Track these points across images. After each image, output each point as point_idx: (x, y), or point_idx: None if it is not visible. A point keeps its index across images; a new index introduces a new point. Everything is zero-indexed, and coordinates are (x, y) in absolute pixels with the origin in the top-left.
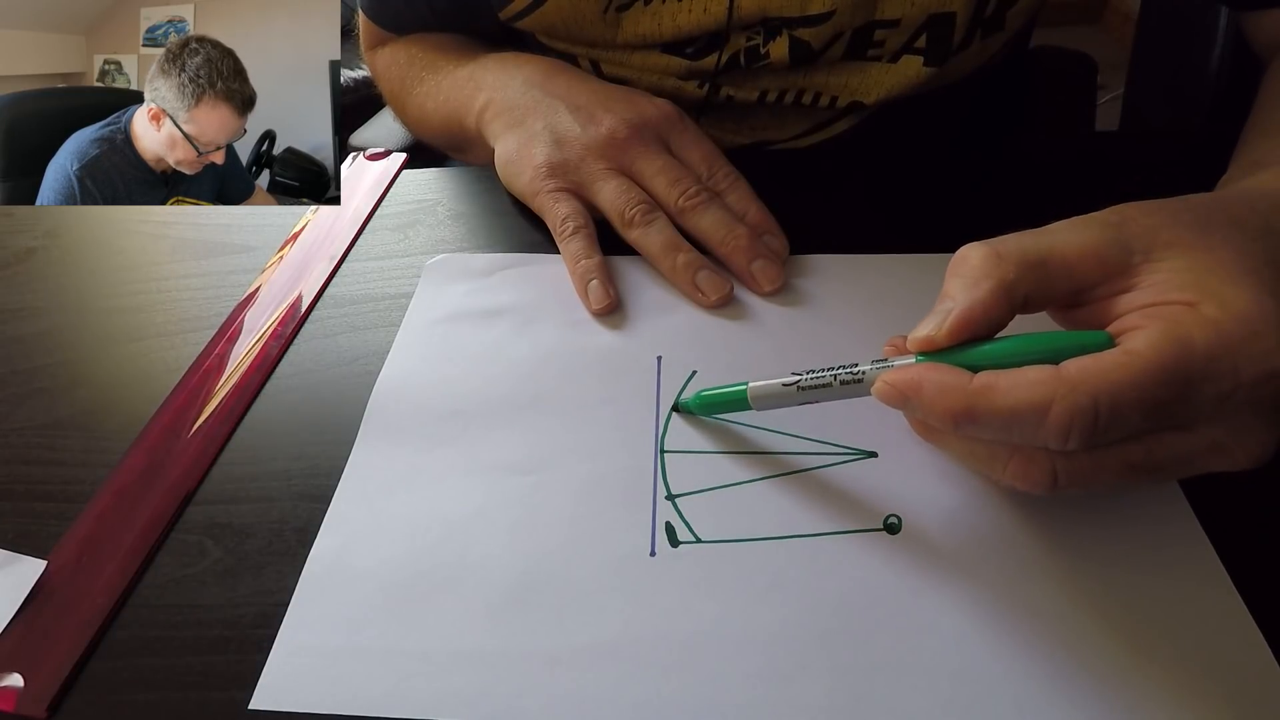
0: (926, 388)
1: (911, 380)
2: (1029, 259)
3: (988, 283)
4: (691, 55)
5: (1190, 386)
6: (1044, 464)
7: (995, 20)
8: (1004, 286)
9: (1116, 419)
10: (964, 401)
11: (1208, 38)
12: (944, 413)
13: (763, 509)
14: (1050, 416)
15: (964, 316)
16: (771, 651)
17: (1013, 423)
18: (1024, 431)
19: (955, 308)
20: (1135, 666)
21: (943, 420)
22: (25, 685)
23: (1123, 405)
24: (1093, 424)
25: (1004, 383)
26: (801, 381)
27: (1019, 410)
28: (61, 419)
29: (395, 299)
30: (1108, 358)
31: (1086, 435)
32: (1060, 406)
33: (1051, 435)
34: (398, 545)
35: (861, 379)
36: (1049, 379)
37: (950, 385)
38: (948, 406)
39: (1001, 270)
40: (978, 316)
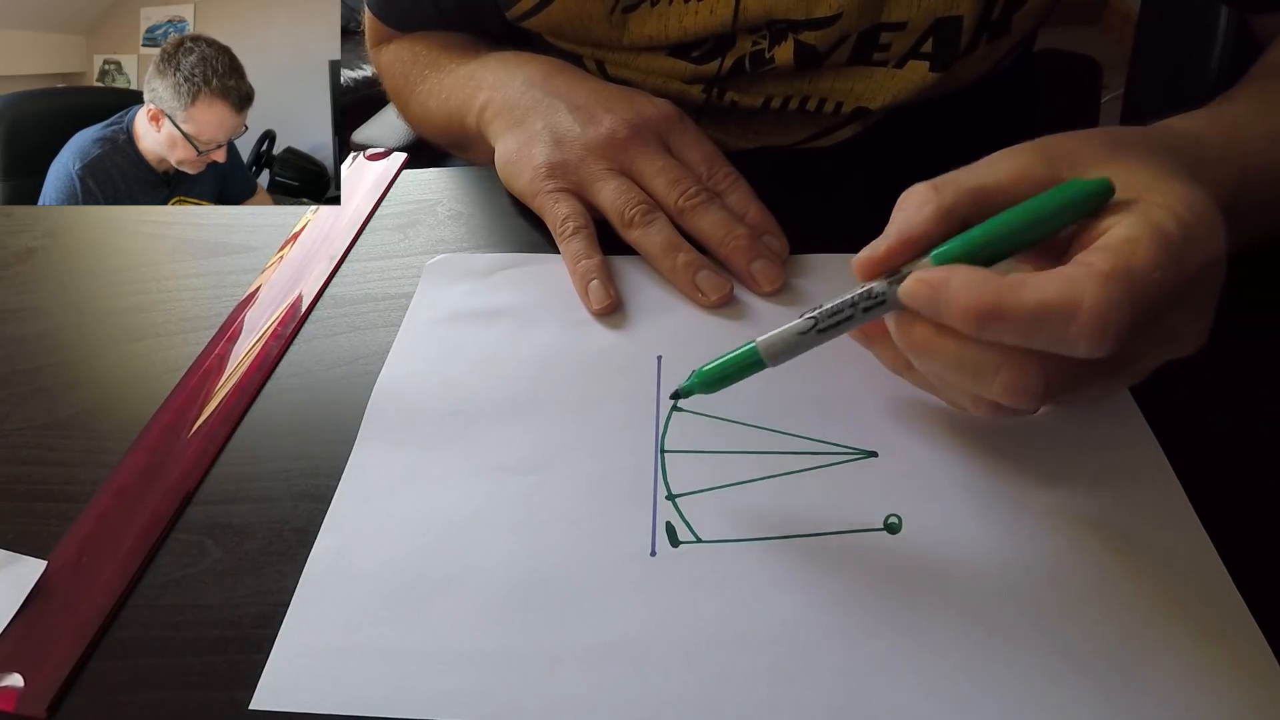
0: (954, 282)
1: (940, 277)
2: (963, 185)
3: (927, 208)
4: (697, 59)
5: (1181, 270)
6: (1037, 372)
7: (1002, 24)
8: (942, 210)
9: (1145, 313)
10: (993, 295)
11: (1208, 38)
12: (969, 308)
13: (763, 509)
14: (1084, 314)
15: (902, 235)
16: (772, 651)
17: (1040, 320)
18: (1053, 333)
19: (894, 229)
20: (1135, 667)
21: (967, 319)
22: (25, 685)
23: (1150, 296)
24: (1130, 320)
25: (1034, 279)
26: (819, 322)
27: (1050, 305)
28: (61, 419)
29: (395, 299)
30: (1122, 249)
31: (1124, 334)
32: (1094, 299)
33: (1086, 334)
34: (398, 545)
35: (884, 299)
36: (1076, 274)
37: (979, 280)
38: (976, 301)
39: (939, 197)
40: (918, 235)
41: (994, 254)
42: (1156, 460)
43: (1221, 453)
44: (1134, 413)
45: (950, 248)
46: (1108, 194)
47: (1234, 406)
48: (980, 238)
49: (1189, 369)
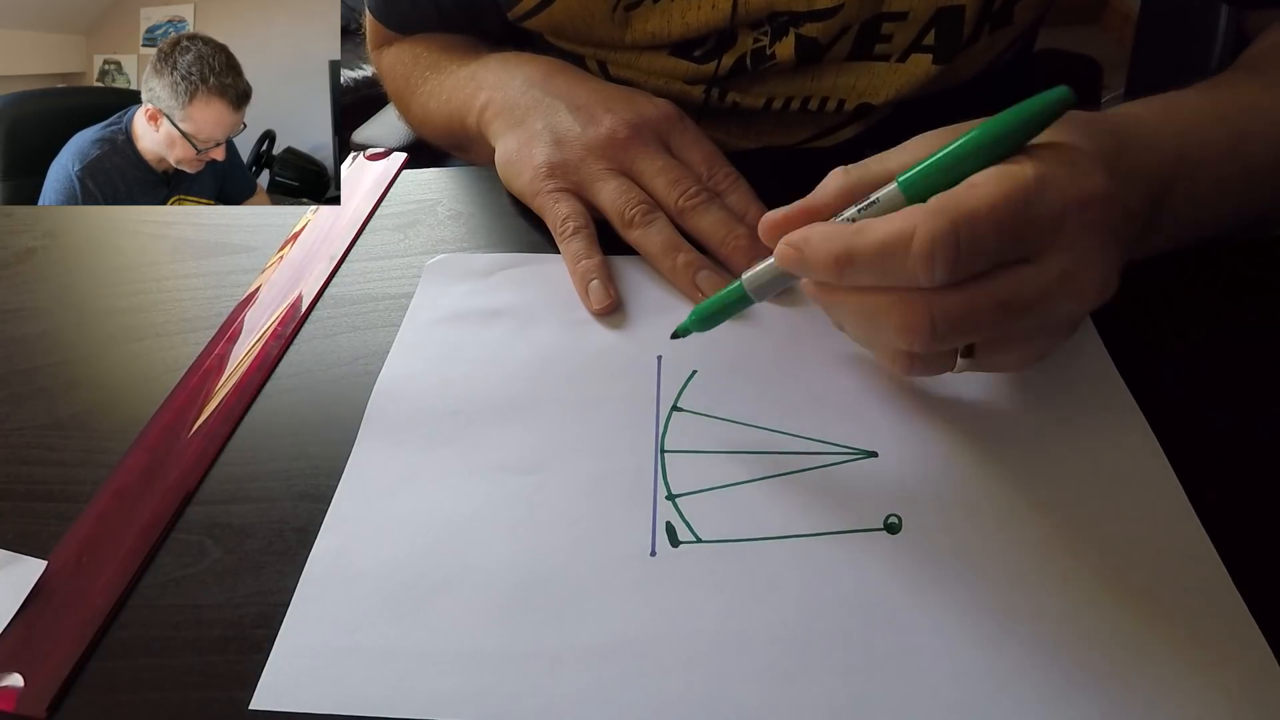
0: (813, 238)
1: (801, 236)
2: (870, 169)
3: (832, 183)
4: (699, 59)
5: (1029, 204)
6: (920, 309)
7: (1004, 14)
8: (846, 188)
9: (974, 242)
10: (842, 243)
11: (1208, 38)
12: (828, 258)
13: (763, 509)
14: (915, 243)
15: (805, 205)
16: (772, 651)
17: (884, 256)
18: (896, 266)
19: (802, 200)
20: (1135, 667)
21: (829, 269)
22: (25, 685)
23: (977, 226)
24: (955, 247)
25: (876, 222)
26: None
27: (888, 241)
28: (61, 419)
29: (395, 299)
30: (959, 190)
31: (950, 259)
32: (922, 230)
33: (919, 263)
34: (398, 545)
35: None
36: (912, 210)
37: (831, 232)
38: (830, 252)
39: (847, 178)
40: (818, 207)
41: (960, 173)
42: (1156, 460)
43: (1221, 453)
44: (1134, 412)
45: (914, 175)
46: (1067, 101)
47: (1234, 406)
48: (942, 160)
49: (1189, 369)
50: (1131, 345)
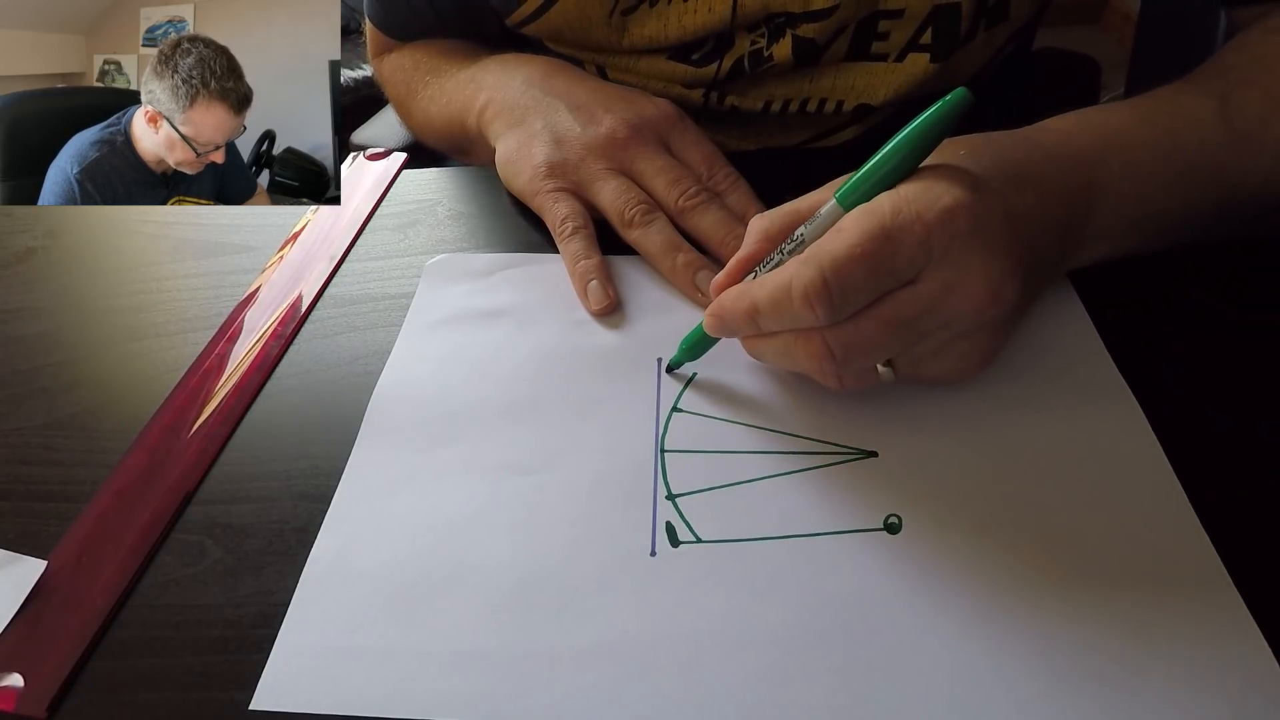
0: (725, 301)
1: (719, 304)
2: (783, 211)
3: (754, 234)
4: (697, 62)
5: (889, 238)
6: (817, 341)
7: (1000, 9)
8: (769, 234)
9: (843, 281)
10: (747, 300)
11: (1208, 38)
12: (740, 316)
13: (763, 509)
14: (793, 294)
15: (738, 259)
16: (772, 651)
17: (777, 306)
18: (789, 312)
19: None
20: (1136, 667)
21: (745, 323)
22: (25, 685)
23: (840, 268)
24: (824, 290)
25: (766, 279)
26: None
27: (775, 294)
28: (61, 419)
29: (395, 299)
30: (827, 237)
31: (825, 302)
32: (796, 282)
33: (800, 309)
34: (398, 545)
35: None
36: (791, 263)
37: (738, 293)
38: (739, 310)
39: (766, 224)
40: (749, 256)
41: (886, 179)
42: (1156, 460)
43: (1221, 453)
44: (1134, 412)
45: (847, 186)
46: (966, 100)
47: (1234, 406)
48: (867, 172)
49: (1189, 369)
50: (1131, 345)
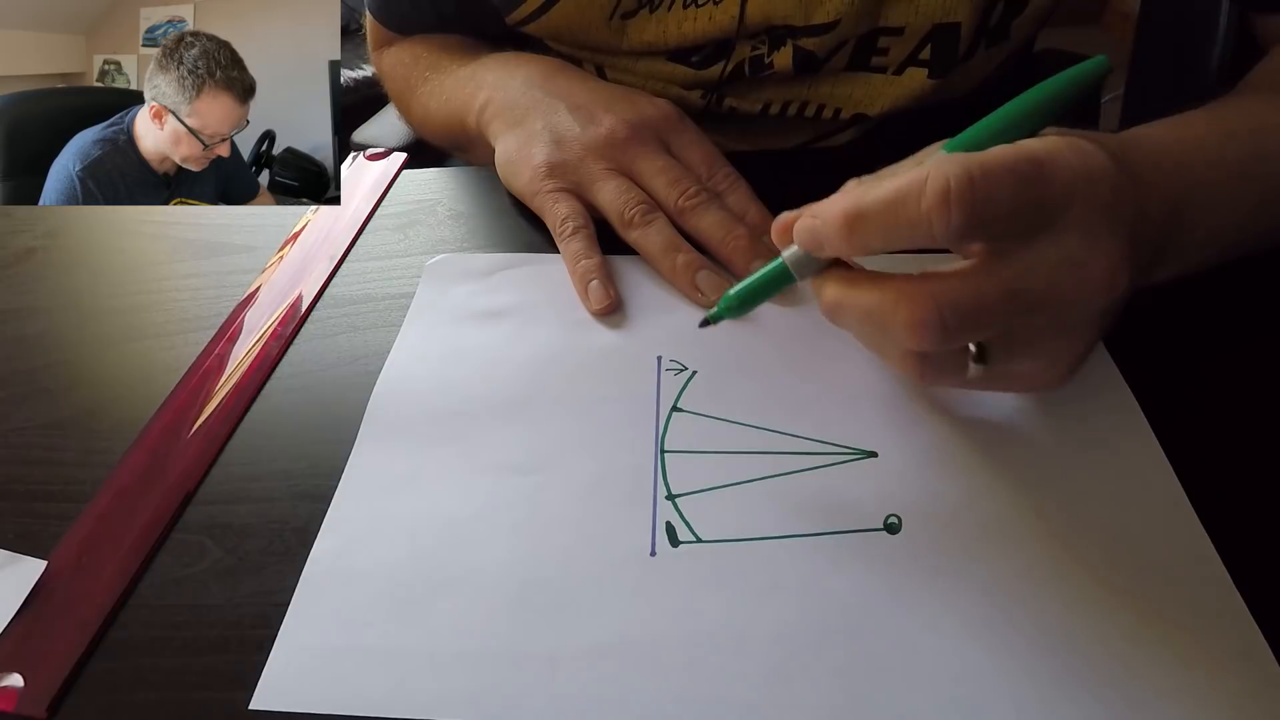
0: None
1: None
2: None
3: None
4: (697, 64)
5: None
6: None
7: (1000, 30)
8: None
9: (990, 190)
10: (853, 199)
11: (1208, 38)
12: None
13: (763, 509)
14: (928, 187)
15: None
16: (772, 651)
17: (896, 205)
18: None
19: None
20: (1135, 667)
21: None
22: (25, 685)
23: (992, 175)
24: (970, 190)
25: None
26: None
27: (900, 189)
28: (61, 419)
29: (395, 299)
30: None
31: (967, 204)
32: (936, 173)
33: (933, 207)
34: (398, 545)
35: None
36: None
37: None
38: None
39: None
40: None
41: (1004, 135)
42: (1157, 460)
43: (1221, 453)
44: (1134, 412)
45: (963, 135)
46: (1104, 68)
47: (1234, 406)
48: (989, 124)
49: (1189, 369)
50: (1131, 345)
